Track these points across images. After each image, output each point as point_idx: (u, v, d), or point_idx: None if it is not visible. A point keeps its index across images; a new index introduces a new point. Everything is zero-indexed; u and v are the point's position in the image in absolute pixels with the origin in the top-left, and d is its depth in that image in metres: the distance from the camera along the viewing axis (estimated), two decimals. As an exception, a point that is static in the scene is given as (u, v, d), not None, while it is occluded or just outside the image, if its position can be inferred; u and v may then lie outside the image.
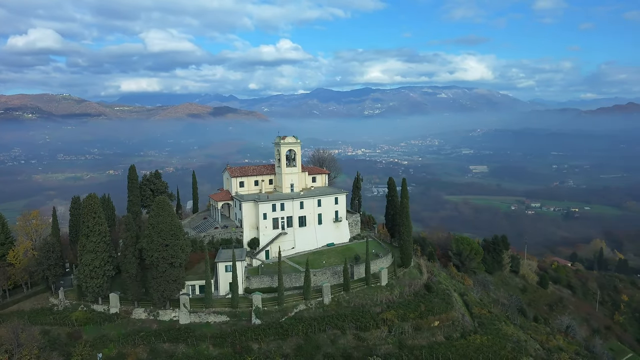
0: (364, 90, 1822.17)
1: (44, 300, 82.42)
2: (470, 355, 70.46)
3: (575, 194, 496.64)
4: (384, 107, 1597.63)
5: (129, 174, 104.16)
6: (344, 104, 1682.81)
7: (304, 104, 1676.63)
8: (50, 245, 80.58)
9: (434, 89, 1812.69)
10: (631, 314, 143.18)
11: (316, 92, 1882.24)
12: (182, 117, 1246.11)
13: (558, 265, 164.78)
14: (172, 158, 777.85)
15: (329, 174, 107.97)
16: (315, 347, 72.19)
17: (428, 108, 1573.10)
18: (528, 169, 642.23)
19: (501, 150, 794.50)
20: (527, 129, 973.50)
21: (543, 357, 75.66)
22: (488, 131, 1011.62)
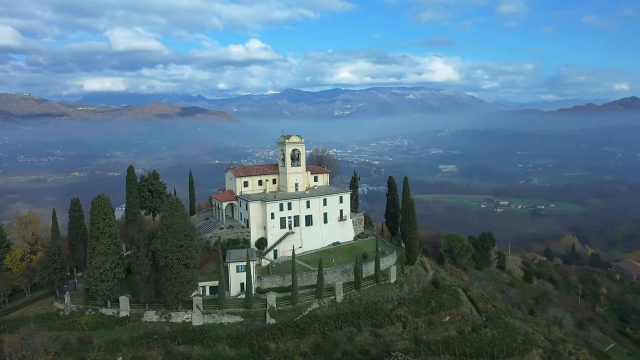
0: (334, 91, 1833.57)
1: (48, 305, 79.77)
2: (484, 348, 72.64)
3: (540, 192, 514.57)
4: (353, 108, 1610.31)
5: (127, 175, 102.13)
6: (314, 104, 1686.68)
7: (274, 105, 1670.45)
8: (55, 248, 78.08)
9: (402, 90, 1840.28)
10: (610, 305, 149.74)
11: (286, 92, 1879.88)
12: (150, 117, 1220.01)
13: (540, 261, 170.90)
14: (140, 159, 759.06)
15: (330, 173, 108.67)
16: (333, 344, 72.82)
17: (397, 109, 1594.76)
18: (495, 168, 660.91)
19: (468, 150, 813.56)
20: (492, 129, 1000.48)
21: (550, 348, 78.70)
22: (455, 131, 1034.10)
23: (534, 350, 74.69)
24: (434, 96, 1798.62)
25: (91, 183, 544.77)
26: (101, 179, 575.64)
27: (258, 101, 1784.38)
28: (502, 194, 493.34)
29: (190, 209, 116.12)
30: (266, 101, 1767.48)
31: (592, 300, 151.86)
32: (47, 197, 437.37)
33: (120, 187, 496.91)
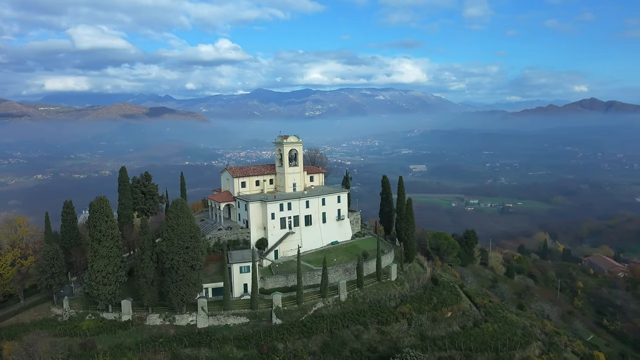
0: (305, 92, 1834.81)
1: (44, 311, 77.24)
2: (488, 342, 74.78)
3: (507, 190, 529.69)
4: (324, 109, 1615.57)
5: (119, 176, 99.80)
6: (285, 105, 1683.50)
7: (244, 105, 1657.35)
8: (53, 252, 75.66)
9: (372, 91, 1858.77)
10: (587, 298, 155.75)
11: (256, 92, 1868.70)
12: (116, 117, 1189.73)
13: (519, 257, 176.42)
14: (107, 161, 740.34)
15: (325, 173, 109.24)
16: (341, 343, 73.42)
17: (367, 109, 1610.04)
18: (463, 168, 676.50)
19: (438, 150, 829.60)
20: (460, 130, 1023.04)
21: (547, 341, 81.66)
22: (424, 132, 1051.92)
23: (534, 343, 77.42)
24: (403, 97, 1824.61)
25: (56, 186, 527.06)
26: (67, 182, 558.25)
27: (228, 101, 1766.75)
28: (472, 192, 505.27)
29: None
30: (236, 101, 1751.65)
31: (570, 294, 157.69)
32: (10, 201, 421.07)
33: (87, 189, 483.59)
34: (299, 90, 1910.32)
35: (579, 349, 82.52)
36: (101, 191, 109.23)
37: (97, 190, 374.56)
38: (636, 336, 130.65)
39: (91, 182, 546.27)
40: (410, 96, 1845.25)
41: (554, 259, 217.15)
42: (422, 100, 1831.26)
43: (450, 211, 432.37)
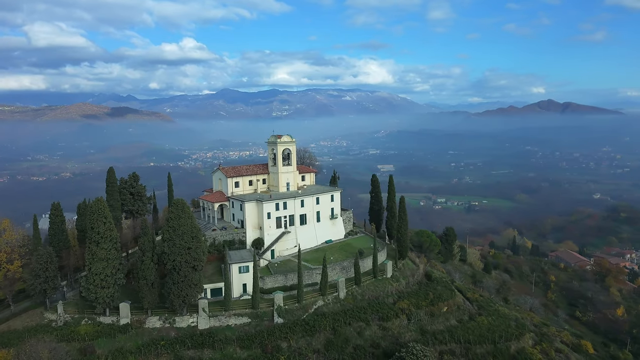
0: (272, 92, 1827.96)
1: (37, 317, 74.50)
2: (485, 335, 77.29)
3: (473, 189, 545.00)
4: (291, 109, 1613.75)
5: (107, 177, 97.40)
6: (252, 105, 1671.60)
7: (209, 105, 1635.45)
8: (47, 256, 73.10)
9: (339, 92, 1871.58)
10: (559, 291, 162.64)
11: (222, 92, 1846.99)
12: (75, 118, 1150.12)
13: (495, 253, 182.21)
14: (67, 162, 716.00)
15: (316, 172, 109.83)
16: (345, 340, 74.16)
17: (334, 110, 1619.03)
18: (430, 167, 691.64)
19: (404, 150, 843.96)
20: (425, 130, 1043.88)
21: (538, 331, 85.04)
22: (391, 132, 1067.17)
23: (527, 334, 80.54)
24: (369, 98, 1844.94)
25: (14, 189, 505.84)
26: (25, 184, 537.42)
27: (193, 101, 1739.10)
28: (439, 191, 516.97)
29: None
30: (201, 101, 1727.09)
31: (543, 288, 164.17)
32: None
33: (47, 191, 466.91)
34: (266, 91, 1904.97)
35: (567, 339, 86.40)
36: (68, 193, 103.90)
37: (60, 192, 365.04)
38: (607, 326, 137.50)
39: (51, 185, 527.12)
40: (376, 97, 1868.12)
41: (523, 255, 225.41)
42: (388, 101, 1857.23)
43: (419, 210, 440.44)
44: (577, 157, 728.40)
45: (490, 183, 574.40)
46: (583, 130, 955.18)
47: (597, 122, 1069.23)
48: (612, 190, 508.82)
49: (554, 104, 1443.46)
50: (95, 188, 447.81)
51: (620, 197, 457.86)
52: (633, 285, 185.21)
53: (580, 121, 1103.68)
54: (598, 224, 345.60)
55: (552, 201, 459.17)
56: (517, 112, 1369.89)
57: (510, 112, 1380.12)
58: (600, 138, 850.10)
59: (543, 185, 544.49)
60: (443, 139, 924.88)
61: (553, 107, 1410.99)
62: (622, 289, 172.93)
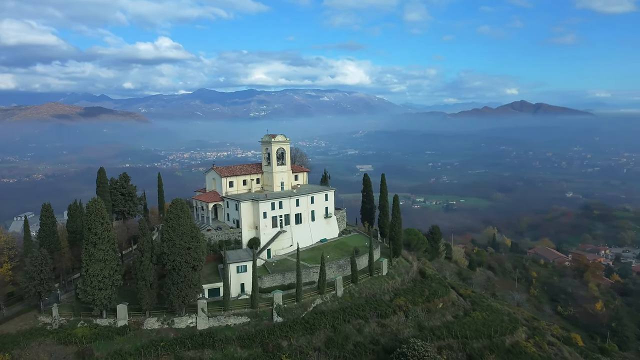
0: (249, 92, 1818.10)
1: (30, 320, 72.66)
2: (480, 329, 79.06)
3: (450, 188, 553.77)
4: (269, 109, 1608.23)
5: (98, 178, 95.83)
6: (229, 105, 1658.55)
7: (185, 105, 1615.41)
8: (42, 258, 71.41)
9: (317, 92, 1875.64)
10: (541, 287, 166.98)
11: (199, 92, 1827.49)
12: (47, 118, 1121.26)
13: (478, 250, 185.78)
14: (39, 164, 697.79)
15: (309, 171, 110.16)
16: (345, 337, 74.74)
17: (312, 110, 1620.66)
18: (407, 167, 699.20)
19: (382, 151, 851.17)
20: (402, 131, 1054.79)
21: (530, 325, 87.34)
22: (369, 133, 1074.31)
23: (520, 328, 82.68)
24: (347, 99, 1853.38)
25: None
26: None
27: (169, 101, 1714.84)
28: (417, 191, 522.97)
29: (160, 212, 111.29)
30: (177, 101, 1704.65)
31: (525, 284, 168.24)
32: None
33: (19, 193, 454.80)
34: (243, 91, 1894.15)
35: (557, 332, 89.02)
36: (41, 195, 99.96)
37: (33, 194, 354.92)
38: (588, 320, 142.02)
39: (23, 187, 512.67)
40: (354, 97, 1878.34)
41: (504, 252, 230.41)
42: (366, 101, 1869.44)
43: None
44: (550, 156, 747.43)
45: (467, 182, 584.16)
46: (555, 131, 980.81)
47: (568, 123, 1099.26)
48: (583, 188, 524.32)
49: (526, 104, 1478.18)
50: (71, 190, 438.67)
51: (591, 196, 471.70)
52: (609, 280, 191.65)
53: (552, 121, 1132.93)
54: (572, 222, 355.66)
55: (527, 200, 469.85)
56: (492, 112, 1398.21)
57: (484, 112, 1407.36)
58: (571, 138, 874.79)
59: (518, 184, 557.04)
60: (420, 139, 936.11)
61: (526, 107, 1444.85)
62: (600, 284, 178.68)
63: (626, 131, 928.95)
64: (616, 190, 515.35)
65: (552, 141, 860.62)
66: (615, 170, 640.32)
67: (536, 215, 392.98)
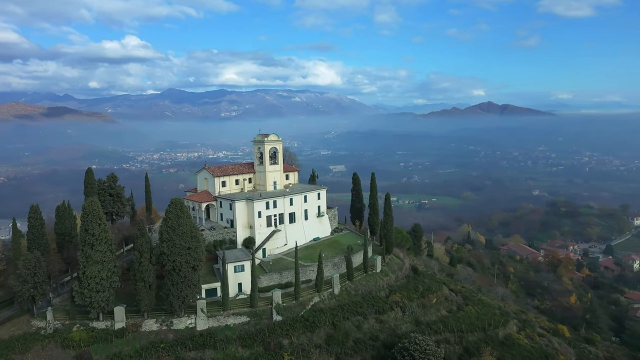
0: (220, 92, 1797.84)
1: (23, 325, 70.37)
2: (475, 323, 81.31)
3: (421, 187, 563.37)
4: (240, 110, 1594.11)
5: (85, 178, 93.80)
6: (199, 105, 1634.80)
7: (154, 105, 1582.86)
8: (35, 260, 69.32)
9: (288, 93, 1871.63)
10: (518, 282, 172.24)
11: (168, 92, 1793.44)
12: (7, 118, 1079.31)
13: (458, 247, 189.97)
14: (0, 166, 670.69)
15: (299, 171, 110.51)
16: (345, 334, 75.52)
17: (284, 111, 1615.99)
18: (380, 167, 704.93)
19: (354, 151, 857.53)
20: (374, 131, 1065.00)
21: (520, 318, 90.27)
22: (341, 133, 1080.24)
23: (511, 321, 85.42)
24: (318, 99, 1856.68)
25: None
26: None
27: (136, 101, 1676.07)
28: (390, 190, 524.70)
29: (148, 213, 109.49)
30: (146, 101, 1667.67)
31: (503, 279, 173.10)
32: None
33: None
34: (214, 91, 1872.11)
35: (544, 325, 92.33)
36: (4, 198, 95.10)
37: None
38: (563, 314, 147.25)
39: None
40: (325, 98, 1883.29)
41: (480, 249, 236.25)
42: (337, 102, 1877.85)
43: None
44: (516, 156, 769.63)
45: (438, 182, 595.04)
46: (520, 131, 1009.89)
47: (533, 123, 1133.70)
48: (549, 186, 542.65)
49: (493, 105, 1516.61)
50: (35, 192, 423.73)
51: (556, 193, 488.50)
52: (581, 274, 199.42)
53: (518, 122, 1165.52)
54: (541, 219, 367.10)
55: (497, 198, 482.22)
56: (460, 113, 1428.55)
57: (453, 113, 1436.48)
58: (536, 138, 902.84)
59: (487, 183, 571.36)
60: (391, 140, 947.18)
61: (493, 108, 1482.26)
62: (572, 278, 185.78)
63: (587, 131, 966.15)
64: (579, 188, 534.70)
65: (518, 141, 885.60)
66: (577, 169, 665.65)
67: (506, 213, 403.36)
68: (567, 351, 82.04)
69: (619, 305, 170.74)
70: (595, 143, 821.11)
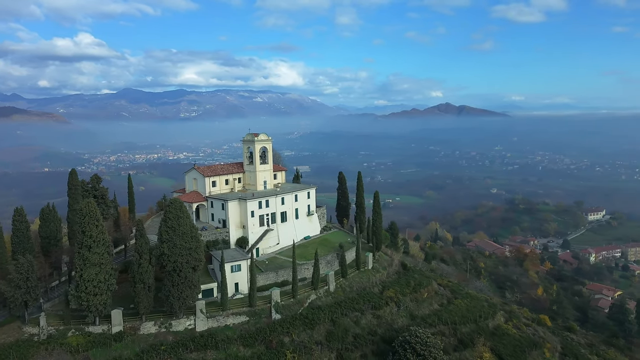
0: (179, 92, 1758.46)
1: (14, 332, 67.46)
2: (466, 315, 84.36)
3: (385, 187, 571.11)
4: (200, 110, 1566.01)
5: (69, 179, 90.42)
6: (158, 105, 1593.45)
7: (109, 105, 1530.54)
8: (28, 265, 66.57)
9: (250, 93, 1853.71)
10: (489, 277, 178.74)
11: (124, 92, 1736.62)
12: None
13: (431, 244, 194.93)
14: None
15: (286, 170, 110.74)
16: (344, 330, 76.61)
17: (245, 111, 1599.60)
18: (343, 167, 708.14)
19: (318, 152, 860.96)
20: (336, 132, 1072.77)
21: (506, 309, 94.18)
22: (304, 134, 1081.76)
23: (499, 312, 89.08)
24: (280, 100, 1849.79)
25: None
26: None
27: (90, 101, 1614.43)
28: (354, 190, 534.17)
29: (131, 214, 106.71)
30: (100, 101, 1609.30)
31: (475, 274, 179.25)
32: None
33: None
34: (173, 91, 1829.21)
35: (527, 315, 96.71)
36: None
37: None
38: (533, 305, 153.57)
39: None
40: (287, 99, 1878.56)
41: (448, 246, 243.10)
42: (299, 102, 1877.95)
43: (330, 208, 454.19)
44: (474, 155, 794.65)
45: (400, 181, 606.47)
46: (477, 131, 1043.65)
47: (488, 124, 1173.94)
48: (505, 185, 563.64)
49: (451, 107, 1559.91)
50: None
51: (513, 191, 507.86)
52: (544, 268, 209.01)
53: (474, 123, 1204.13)
54: (501, 216, 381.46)
55: (458, 196, 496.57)
56: (420, 114, 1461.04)
57: (413, 114, 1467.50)
58: (492, 138, 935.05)
59: (448, 182, 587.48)
60: (354, 140, 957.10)
61: (450, 109, 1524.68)
62: (538, 272, 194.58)
63: (539, 132, 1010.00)
64: (534, 186, 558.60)
65: (476, 141, 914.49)
66: (531, 167, 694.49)
67: (468, 210, 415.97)
68: (552, 339, 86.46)
69: (581, 296, 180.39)
70: (547, 143, 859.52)
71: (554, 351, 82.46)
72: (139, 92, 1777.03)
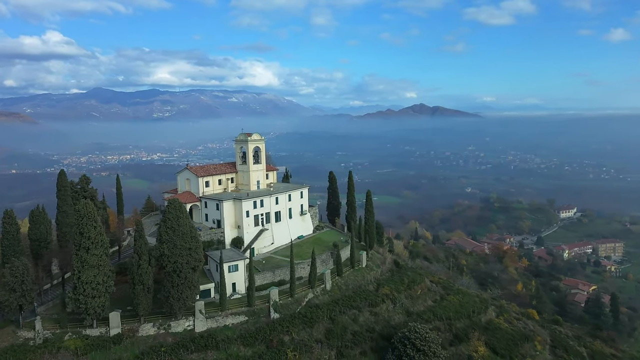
0: (152, 92, 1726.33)
1: (8, 336, 65.62)
2: (460, 311, 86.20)
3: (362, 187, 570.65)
4: (174, 110, 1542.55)
5: (58, 180, 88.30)
6: (129, 105, 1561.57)
7: (79, 105, 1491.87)
8: (23, 268, 64.84)
9: (225, 93, 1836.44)
10: (471, 274, 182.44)
11: (95, 91, 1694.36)
12: None
13: (414, 243, 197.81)
14: None
15: (278, 169, 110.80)
16: (343, 328, 77.26)
17: (220, 112, 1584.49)
18: (320, 168, 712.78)
19: (295, 152, 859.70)
20: (312, 132, 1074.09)
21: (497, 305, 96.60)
22: (280, 134, 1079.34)
23: (490, 307, 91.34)
24: (256, 100, 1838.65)
25: None
26: None
27: (59, 101, 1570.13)
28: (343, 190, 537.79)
29: (120, 215, 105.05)
30: (69, 101, 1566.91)
31: (457, 271, 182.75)
32: None
33: None
34: (145, 90, 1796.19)
35: (515, 310, 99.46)
36: None
37: None
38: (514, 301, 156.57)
39: None
40: (263, 99, 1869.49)
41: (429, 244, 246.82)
42: (275, 103, 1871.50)
43: (319, 207, 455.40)
44: (448, 155, 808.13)
45: (377, 181, 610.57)
46: (451, 132, 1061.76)
47: (461, 124, 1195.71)
48: (479, 184, 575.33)
49: (425, 107, 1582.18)
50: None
51: (487, 190, 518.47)
52: (522, 264, 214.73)
53: (448, 123, 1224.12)
54: (477, 214, 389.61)
55: (434, 195, 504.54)
56: (395, 115, 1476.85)
57: (388, 115, 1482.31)
58: (465, 138, 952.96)
59: (423, 182, 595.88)
60: (330, 141, 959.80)
61: (424, 110, 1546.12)
62: (517, 268, 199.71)
63: (511, 132, 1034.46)
64: (506, 185, 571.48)
65: (449, 141, 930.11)
66: (504, 167, 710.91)
67: (445, 209, 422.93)
68: (541, 332, 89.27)
69: (559, 291, 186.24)
70: (518, 143, 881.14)
71: (544, 344, 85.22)
72: (110, 91, 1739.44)
